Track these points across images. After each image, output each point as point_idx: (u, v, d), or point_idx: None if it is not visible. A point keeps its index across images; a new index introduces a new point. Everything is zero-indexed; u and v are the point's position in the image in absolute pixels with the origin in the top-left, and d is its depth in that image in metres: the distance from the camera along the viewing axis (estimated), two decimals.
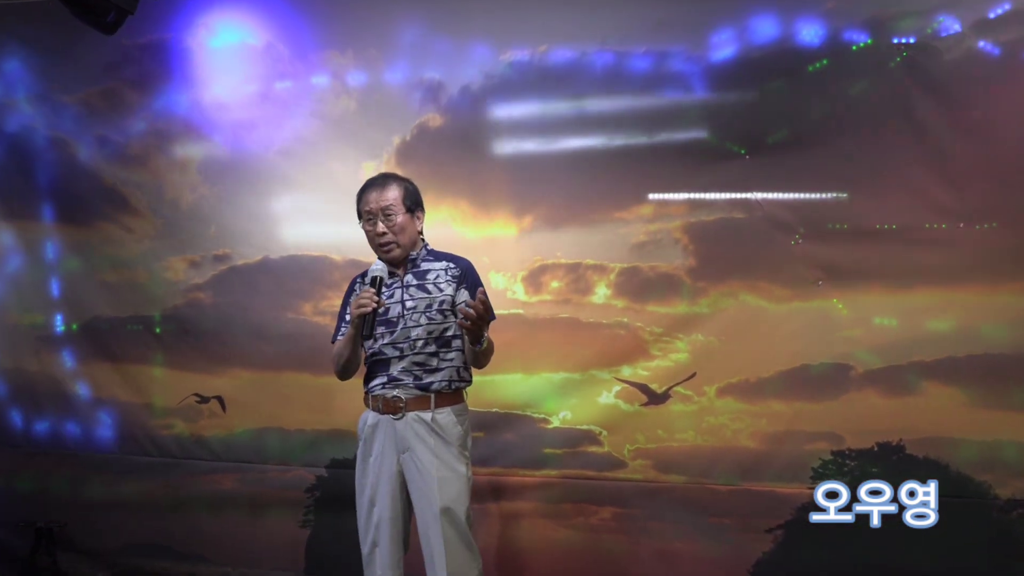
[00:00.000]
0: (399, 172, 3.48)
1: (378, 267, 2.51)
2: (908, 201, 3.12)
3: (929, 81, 3.10)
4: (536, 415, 3.48)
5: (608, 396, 3.41)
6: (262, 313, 3.75)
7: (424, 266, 2.61)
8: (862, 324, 3.19)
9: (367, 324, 2.42)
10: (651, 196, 3.36)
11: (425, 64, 3.54)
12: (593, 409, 3.43)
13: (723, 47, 3.27)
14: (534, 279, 3.46)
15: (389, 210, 2.54)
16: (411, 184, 2.64)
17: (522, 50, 3.43)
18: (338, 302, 3.58)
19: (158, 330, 3.89)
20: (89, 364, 4.00)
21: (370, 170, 3.56)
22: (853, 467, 3.18)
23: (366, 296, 2.41)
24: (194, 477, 3.84)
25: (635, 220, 3.37)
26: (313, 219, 3.70)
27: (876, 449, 3.18)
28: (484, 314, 2.38)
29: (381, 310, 2.47)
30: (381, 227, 2.54)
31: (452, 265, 2.62)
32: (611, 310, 3.40)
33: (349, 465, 3.54)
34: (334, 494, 3.66)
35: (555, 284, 3.46)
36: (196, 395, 3.84)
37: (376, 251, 2.60)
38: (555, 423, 3.46)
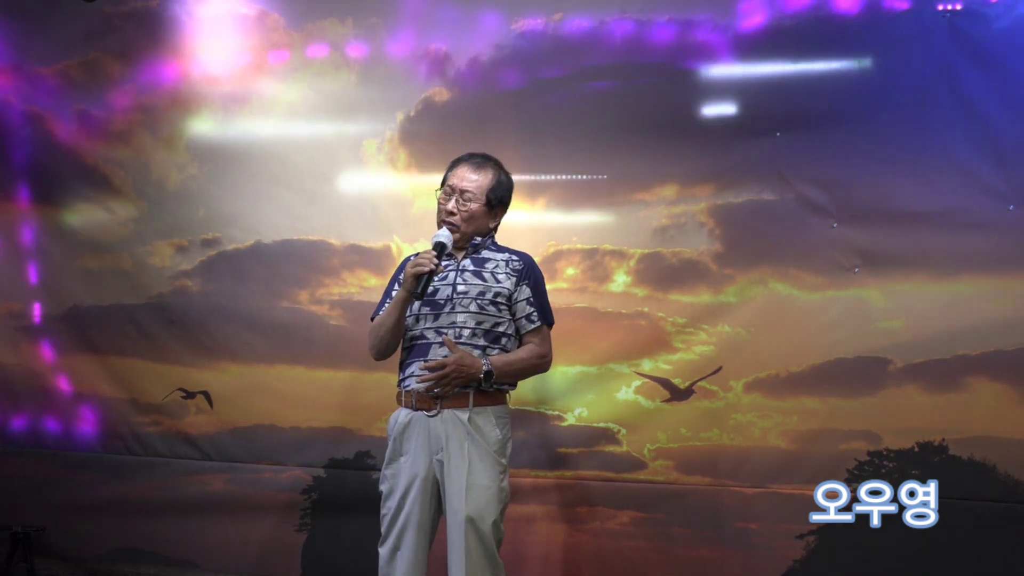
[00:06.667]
0: (403, 150, 3.49)
1: (444, 234, 2.50)
2: (953, 182, 3.03)
3: (977, 51, 3.01)
4: (550, 412, 3.40)
5: (627, 392, 3.33)
6: (254, 302, 3.66)
7: (485, 254, 2.59)
8: (902, 315, 3.10)
9: (422, 283, 2.39)
10: (674, 176, 3.28)
11: (431, 34, 3.47)
12: (611, 406, 3.35)
13: (752, 15, 3.19)
14: (548, 265, 3.35)
15: (468, 194, 2.53)
16: (508, 179, 2.62)
17: (535, 18, 3.37)
18: (336, 290, 3.56)
19: (141, 320, 3.79)
20: (70, 356, 3.91)
21: (372, 148, 3.55)
22: (892, 468, 3.08)
23: (426, 256, 2.41)
24: (182, 477, 3.76)
25: (657, 202, 3.30)
26: (310, 201, 3.61)
27: (917, 449, 3.09)
28: (447, 375, 2.38)
29: (437, 278, 2.47)
30: (452, 205, 2.53)
31: (515, 258, 2.60)
32: (631, 299, 3.33)
33: (349, 465, 3.51)
34: (333, 496, 3.56)
35: (571, 271, 3.39)
36: (181, 390, 3.77)
37: (438, 225, 2.57)
38: (570, 421, 3.38)
